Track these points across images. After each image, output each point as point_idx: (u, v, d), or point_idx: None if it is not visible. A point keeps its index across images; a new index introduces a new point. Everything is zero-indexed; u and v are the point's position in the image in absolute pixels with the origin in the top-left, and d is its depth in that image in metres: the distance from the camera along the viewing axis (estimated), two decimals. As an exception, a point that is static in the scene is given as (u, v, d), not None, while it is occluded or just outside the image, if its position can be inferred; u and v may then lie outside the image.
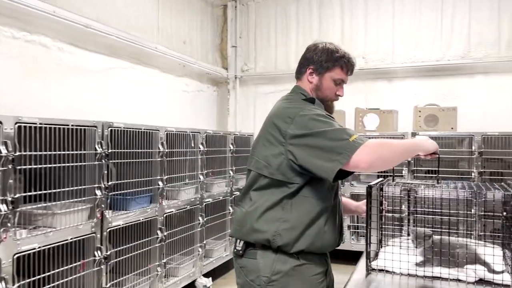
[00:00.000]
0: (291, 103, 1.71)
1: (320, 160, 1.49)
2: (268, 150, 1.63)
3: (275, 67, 5.91)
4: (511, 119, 4.78)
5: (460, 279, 1.48)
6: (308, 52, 1.79)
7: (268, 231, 1.59)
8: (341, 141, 1.47)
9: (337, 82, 1.75)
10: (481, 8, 4.95)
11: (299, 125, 1.55)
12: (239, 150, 4.58)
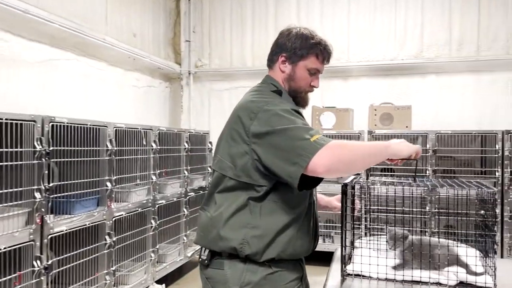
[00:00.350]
0: (257, 95, 1.57)
1: (282, 161, 1.36)
2: (232, 148, 1.49)
3: (231, 63, 5.75)
4: (462, 118, 4.91)
5: (441, 283, 1.39)
6: (281, 38, 1.63)
7: (234, 238, 1.44)
8: (302, 141, 1.34)
9: (311, 71, 1.60)
10: (433, 10, 5.05)
11: (262, 122, 1.42)
12: (194, 149, 4.37)
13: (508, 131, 4.07)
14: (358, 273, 1.47)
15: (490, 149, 4.17)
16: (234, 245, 1.44)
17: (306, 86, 1.61)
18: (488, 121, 4.85)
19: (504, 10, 4.85)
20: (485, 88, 4.92)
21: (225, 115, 6.11)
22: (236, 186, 1.48)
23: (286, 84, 1.61)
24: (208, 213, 1.53)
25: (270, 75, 1.66)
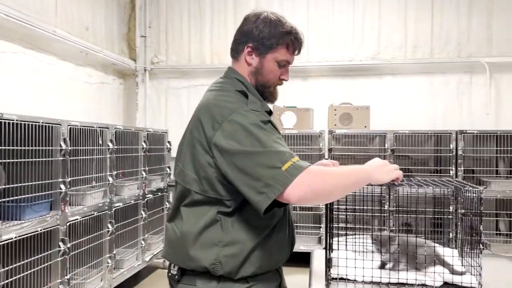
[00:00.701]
0: (221, 96, 1.39)
1: (248, 189, 1.23)
2: (194, 158, 1.35)
3: (189, 60, 5.59)
4: (416, 118, 5.06)
5: (426, 284, 1.37)
6: (247, 24, 1.46)
7: (205, 258, 1.31)
8: (272, 170, 1.20)
9: (281, 64, 1.45)
10: (390, 13, 5.17)
11: (227, 135, 1.27)
12: (152, 149, 4.19)
13: (461, 131, 4.23)
14: (342, 276, 1.42)
15: (445, 149, 4.32)
16: (205, 264, 1.32)
17: (275, 79, 1.47)
18: (441, 121, 5.03)
19: (456, 15, 5.05)
20: (438, 89, 5.10)
21: (183, 114, 5.98)
22: (204, 200, 1.34)
23: (253, 78, 1.46)
24: (176, 228, 1.39)
25: (234, 68, 1.50)
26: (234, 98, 1.37)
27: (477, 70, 4.99)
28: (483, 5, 5.00)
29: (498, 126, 4.87)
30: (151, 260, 4.13)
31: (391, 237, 1.39)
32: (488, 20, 5.00)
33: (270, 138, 1.27)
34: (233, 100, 1.36)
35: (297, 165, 1.21)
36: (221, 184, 1.32)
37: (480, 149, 4.28)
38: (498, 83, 4.99)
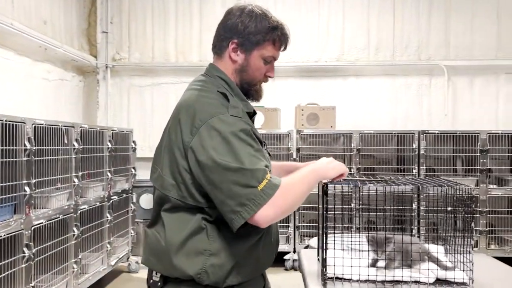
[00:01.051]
0: (203, 96, 1.33)
1: (222, 205, 1.21)
2: (172, 163, 1.29)
3: (153, 58, 5.45)
4: (380, 118, 5.20)
5: (419, 281, 1.40)
6: (231, 18, 1.39)
7: (190, 267, 1.26)
8: (248, 189, 1.18)
9: (267, 60, 1.39)
10: (353, 16, 5.29)
11: (203, 143, 1.22)
12: (117, 149, 4.04)
13: (423, 131, 4.40)
14: (338, 276, 1.42)
15: (408, 148, 4.47)
16: (190, 273, 1.26)
17: (261, 76, 1.42)
18: (403, 121, 5.21)
19: (416, 20, 5.24)
20: (399, 91, 5.27)
21: (146, 113, 5.82)
22: (184, 207, 1.29)
23: (237, 76, 1.40)
24: (158, 235, 1.32)
25: (217, 65, 1.42)
26: (216, 100, 1.32)
27: (436, 72, 5.20)
28: (442, 11, 5.22)
29: (455, 126, 5.10)
30: (116, 264, 3.99)
31: (387, 237, 1.41)
32: (446, 25, 5.22)
33: (247, 152, 1.22)
34: (214, 102, 1.31)
35: (271, 184, 1.20)
36: (198, 191, 1.27)
37: (440, 149, 4.47)
38: (455, 85, 5.22)
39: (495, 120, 5.16)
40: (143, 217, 5.01)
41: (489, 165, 4.33)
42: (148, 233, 1.38)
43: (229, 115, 1.26)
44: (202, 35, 5.38)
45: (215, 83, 1.39)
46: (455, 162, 4.66)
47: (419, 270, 1.43)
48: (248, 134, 1.27)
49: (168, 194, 1.30)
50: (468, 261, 1.38)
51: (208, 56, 5.79)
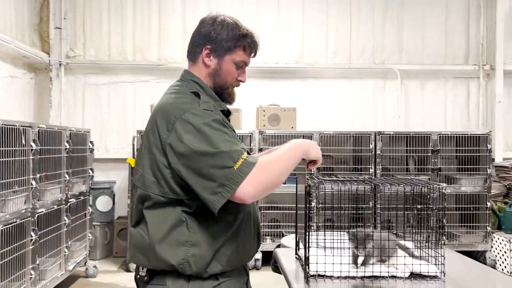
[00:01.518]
0: (176, 97, 1.41)
1: (203, 190, 1.27)
2: (152, 161, 1.37)
3: (109, 55, 5.30)
4: (337, 120, 5.36)
5: (396, 276, 1.47)
6: (204, 27, 1.48)
7: (173, 258, 1.33)
8: (225, 169, 1.25)
9: (239, 65, 1.49)
10: (312, 20, 5.42)
11: (180, 136, 1.30)
12: (74, 149, 3.90)
13: (380, 132, 4.58)
14: (320, 273, 1.47)
15: (365, 148, 4.64)
16: (173, 263, 1.33)
17: (233, 81, 1.51)
18: (359, 123, 5.40)
19: (371, 26, 5.45)
20: (356, 93, 5.46)
21: (103, 112, 5.67)
22: (166, 202, 1.36)
23: (211, 80, 1.48)
24: (143, 232, 1.39)
25: (190, 71, 1.51)
26: (188, 99, 1.39)
27: (389, 76, 5.44)
28: (395, 19, 5.46)
29: (407, 127, 5.36)
30: (74, 269, 3.85)
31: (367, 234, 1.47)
32: (399, 32, 5.47)
33: (222, 138, 1.30)
34: (187, 101, 1.38)
35: (248, 162, 1.27)
36: (178, 185, 1.34)
37: (394, 149, 4.68)
38: (407, 88, 5.49)
39: (443, 121, 5.48)
40: (100, 220, 4.86)
41: (439, 164, 4.59)
42: (132, 232, 1.44)
43: (200, 109, 1.35)
44: (161, 34, 5.30)
45: (189, 86, 1.47)
46: (408, 162, 4.89)
47: (395, 265, 1.50)
48: (221, 123, 1.35)
49: (149, 191, 1.37)
50: (440, 256, 1.47)
51: (167, 54, 5.74)
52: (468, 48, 5.54)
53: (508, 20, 5.49)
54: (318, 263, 1.46)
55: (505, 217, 4.57)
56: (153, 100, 5.19)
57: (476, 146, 4.61)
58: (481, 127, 5.47)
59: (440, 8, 5.50)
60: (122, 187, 5.22)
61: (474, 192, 4.61)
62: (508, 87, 5.48)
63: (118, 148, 5.29)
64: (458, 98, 5.52)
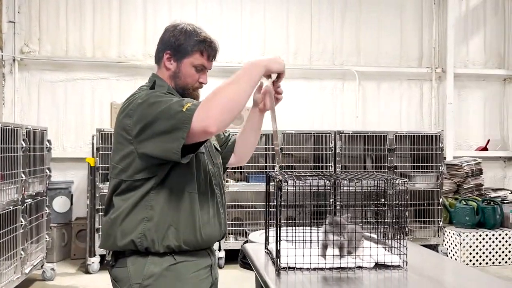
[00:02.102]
0: (135, 93, 1.56)
1: (165, 145, 1.39)
2: (120, 152, 1.50)
3: (67, 52, 5.14)
4: (299, 119, 5.46)
5: (362, 266, 1.55)
6: (166, 34, 1.62)
7: (133, 233, 1.46)
8: (177, 115, 1.36)
9: (198, 68, 1.59)
10: (274, 21, 5.51)
11: (140, 116, 1.43)
12: (31, 148, 3.76)
13: (339, 131, 4.72)
14: (290, 266, 1.52)
15: (325, 147, 4.76)
16: (132, 238, 1.45)
17: (193, 82, 1.61)
18: (319, 122, 5.53)
19: (331, 29, 5.60)
20: (316, 94, 5.59)
21: (59, 110, 5.51)
22: (131, 185, 1.48)
23: (172, 81, 1.60)
24: (108, 217, 1.52)
25: (157, 73, 1.64)
26: (145, 91, 1.53)
27: (348, 77, 5.61)
28: (353, 22, 5.64)
29: (365, 127, 5.55)
30: (30, 272, 3.71)
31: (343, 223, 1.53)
32: (356, 35, 5.66)
33: (169, 99, 1.42)
34: (143, 92, 1.51)
35: (196, 103, 1.38)
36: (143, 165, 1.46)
37: (353, 148, 4.84)
38: (364, 89, 5.68)
39: (398, 121, 5.72)
40: (57, 221, 4.71)
41: (395, 162, 4.79)
42: (102, 220, 1.59)
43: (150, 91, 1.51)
44: (122, 31, 5.20)
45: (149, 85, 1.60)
46: (365, 160, 5.07)
47: (361, 256, 1.57)
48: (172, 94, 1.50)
49: (120, 178, 1.49)
50: (403, 246, 1.55)
51: (127, 52, 5.62)
52: (422, 52, 5.81)
53: (458, 25, 5.82)
54: (288, 255, 1.51)
55: (455, 212, 4.84)
56: (113, 98, 5.10)
57: (429, 145, 4.86)
58: (433, 127, 5.75)
59: (395, 13, 5.74)
60: (80, 188, 5.08)
61: (427, 188, 4.84)
62: (458, 89, 5.80)
63: (76, 147, 5.14)
64: (412, 99, 5.78)
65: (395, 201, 1.57)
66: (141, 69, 5.20)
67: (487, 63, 5.95)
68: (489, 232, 4.64)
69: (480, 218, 4.72)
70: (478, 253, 4.61)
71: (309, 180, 1.54)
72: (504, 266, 4.61)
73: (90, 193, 4.36)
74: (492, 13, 5.97)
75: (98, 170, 4.31)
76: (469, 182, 5.14)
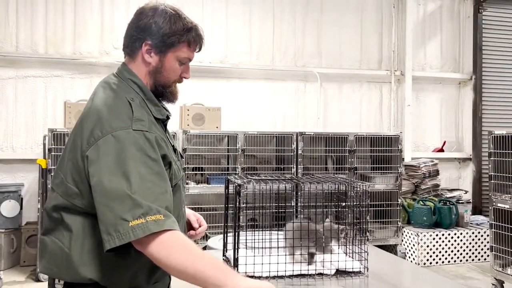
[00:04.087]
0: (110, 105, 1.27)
1: (101, 222, 1.17)
2: (74, 169, 1.25)
3: (17, 47, 4.86)
4: (261, 120, 5.42)
5: (323, 273, 1.50)
6: (143, 19, 1.34)
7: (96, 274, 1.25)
8: (119, 221, 1.13)
9: (182, 61, 1.38)
10: (236, 21, 5.43)
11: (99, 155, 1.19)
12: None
13: (301, 132, 4.71)
14: (249, 274, 1.45)
15: (287, 148, 4.74)
16: (93, 277, 1.25)
17: (176, 77, 1.40)
18: (281, 123, 5.51)
19: (293, 30, 5.60)
20: (279, 95, 5.56)
21: (8, 109, 5.22)
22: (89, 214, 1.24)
23: (151, 78, 1.36)
24: (59, 241, 1.27)
25: (129, 67, 1.37)
26: (121, 110, 1.26)
27: (310, 79, 5.62)
28: (315, 24, 5.66)
29: (326, 128, 5.58)
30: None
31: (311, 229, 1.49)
32: (318, 37, 5.68)
33: (143, 177, 1.18)
34: (119, 113, 1.25)
35: (146, 226, 1.14)
36: None
37: (314, 149, 4.84)
38: (326, 91, 5.71)
39: (359, 123, 5.79)
40: (6, 226, 4.43)
41: (355, 163, 4.83)
42: (45, 241, 1.31)
43: (131, 130, 1.22)
44: (76, 26, 4.96)
45: (126, 89, 1.34)
46: (327, 161, 5.09)
47: (322, 263, 1.53)
48: (147, 155, 1.22)
49: (73, 202, 1.26)
50: (364, 251, 1.52)
51: (83, 48, 5.40)
52: (381, 54, 5.91)
53: (417, 29, 5.96)
54: (247, 264, 1.44)
55: (413, 212, 4.94)
56: (67, 96, 4.88)
57: (388, 147, 4.93)
58: (392, 128, 5.86)
59: (356, 16, 5.80)
60: (31, 191, 4.81)
61: (387, 189, 4.92)
62: (416, 92, 5.94)
63: (27, 148, 4.87)
64: (372, 101, 5.87)
65: (355, 204, 1.54)
66: (97, 67, 4.99)
67: (443, 67, 6.13)
68: (445, 232, 4.76)
69: (436, 218, 4.84)
70: (435, 253, 4.72)
71: (269, 184, 1.48)
72: (459, 264, 4.74)
73: (41, 196, 4.13)
74: (448, 18, 6.15)
75: (50, 172, 4.09)
76: (426, 182, 5.26)
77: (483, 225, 5.00)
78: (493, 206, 3.78)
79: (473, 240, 4.81)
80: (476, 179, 6.04)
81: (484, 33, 6.10)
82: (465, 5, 6.17)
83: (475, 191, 6.03)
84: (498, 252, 3.76)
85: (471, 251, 4.81)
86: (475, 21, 6.07)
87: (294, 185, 1.57)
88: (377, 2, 5.87)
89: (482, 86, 6.08)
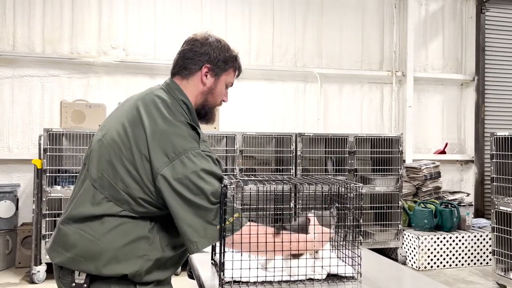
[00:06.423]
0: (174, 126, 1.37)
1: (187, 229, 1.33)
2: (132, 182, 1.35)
3: (14, 47, 4.82)
4: (260, 121, 5.36)
5: (314, 278, 1.44)
6: (201, 46, 1.53)
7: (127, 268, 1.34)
8: (210, 225, 1.33)
9: (228, 85, 1.58)
10: (235, 22, 5.37)
11: (180, 175, 1.32)
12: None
13: (300, 133, 4.65)
14: (236, 279, 1.39)
15: (286, 149, 4.68)
16: (125, 272, 1.34)
17: (221, 99, 1.58)
18: (280, 124, 5.45)
19: (293, 30, 5.54)
20: (278, 95, 5.50)
21: (5, 109, 5.17)
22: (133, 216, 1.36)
23: (202, 98, 1.51)
24: (88, 235, 1.35)
25: (180, 86, 1.51)
26: (186, 132, 1.38)
27: (310, 79, 5.55)
28: (315, 24, 5.60)
29: (326, 129, 5.51)
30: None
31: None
32: (318, 37, 5.61)
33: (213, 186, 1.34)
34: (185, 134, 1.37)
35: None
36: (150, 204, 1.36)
37: (314, 150, 4.78)
38: (326, 91, 5.64)
39: (359, 124, 5.72)
40: (1, 227, 4.39)
41: (355, 165, 4.76)
42: (69, 231, 1.37)
43: (200, 151, 1.37)
44: (74, 26, 4.92)
45: (178, 109, 1.45)
46: (326, 163, 5.02)
47: (312, 267, 1.46)
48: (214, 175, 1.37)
49: (120, 206, 1.35)
50: (357, 256, 1.46)
51: (80, 48, 5.35)
52: (383, 55, 5.84)
53: (418, 30, 5.89)
54: (233, 268, 1.38)
55: (414, 215, 4.86)
56: (63, 96, 4.84)
57: (389, 148, 4.86)
58: (393, 130, 5.79)
59: (357, 16, 5.74)
60: (27, 191, 4.76)
61: (387, 191, 4.84)
62: (417, 93, 5.86)
63: (23, 148, 4.83)
64: (373, 102, 5.80)
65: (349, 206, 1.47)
66: (95, 67, 4.95)
67: (445, 68, 6.05)
68: (447, 235, 4.68)
69: (438, 221, 4.76)
70: (436, 256, 4.64)
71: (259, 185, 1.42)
72: (460, 268, 4.66)
73: (36, 197, 4.08)
74: (450, 18, 6.08)
75: (45, 173, 4.04)
76: (427, 185, 5.19)
77: (485, 228, 4.91)
78: (495, 209, 3.70)
79: (475, 244, 4.73)
80: (478, 182, 5.96)
81: (486, 33, 6.02)
82: (467, 5, 6.09)
83: (477, 193, 5.94)
84: (500, 256, 3.68)
85: (473, 254, 4.73)
86: (478, 21, 5.99)
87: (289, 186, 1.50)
88: (378, 2, 5.81)
89: (485, 87, 6.00)
